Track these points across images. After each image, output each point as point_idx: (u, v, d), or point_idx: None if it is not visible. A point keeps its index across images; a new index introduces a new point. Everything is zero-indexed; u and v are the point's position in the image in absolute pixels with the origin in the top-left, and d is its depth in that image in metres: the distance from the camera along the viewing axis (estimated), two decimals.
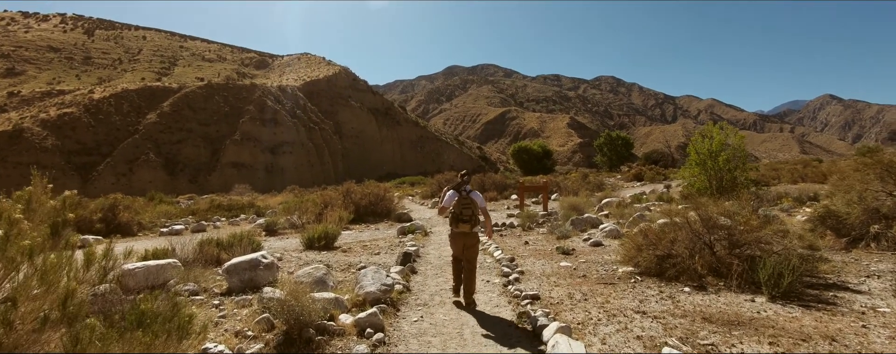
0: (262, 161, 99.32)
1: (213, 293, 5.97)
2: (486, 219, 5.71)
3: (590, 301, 5.23)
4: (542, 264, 7.48)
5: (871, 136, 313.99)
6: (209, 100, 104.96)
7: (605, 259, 7.55)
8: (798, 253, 5.36)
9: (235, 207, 23.99)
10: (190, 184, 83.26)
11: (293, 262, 8.36)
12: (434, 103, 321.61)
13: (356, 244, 10.90)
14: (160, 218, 19.35)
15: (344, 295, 5.28)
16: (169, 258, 6.81)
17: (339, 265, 7.94)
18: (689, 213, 6.89)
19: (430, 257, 8.79)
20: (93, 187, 75.51)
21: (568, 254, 8.19)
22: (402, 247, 9.85)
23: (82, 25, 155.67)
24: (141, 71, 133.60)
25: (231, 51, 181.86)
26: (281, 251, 9.63)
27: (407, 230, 12.01)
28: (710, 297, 5.14)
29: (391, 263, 7.92)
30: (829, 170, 26.51)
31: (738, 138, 16.74)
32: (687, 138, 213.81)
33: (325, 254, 9.22)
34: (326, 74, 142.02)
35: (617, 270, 6.63)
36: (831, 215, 7.82)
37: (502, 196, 23.64)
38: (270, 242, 11.70)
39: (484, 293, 6.01)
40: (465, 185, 5.57)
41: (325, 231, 10.23)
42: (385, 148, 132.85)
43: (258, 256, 6.30)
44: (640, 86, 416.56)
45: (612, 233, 9.79)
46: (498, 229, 12.29)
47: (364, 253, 9.30)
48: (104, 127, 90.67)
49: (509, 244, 9.92)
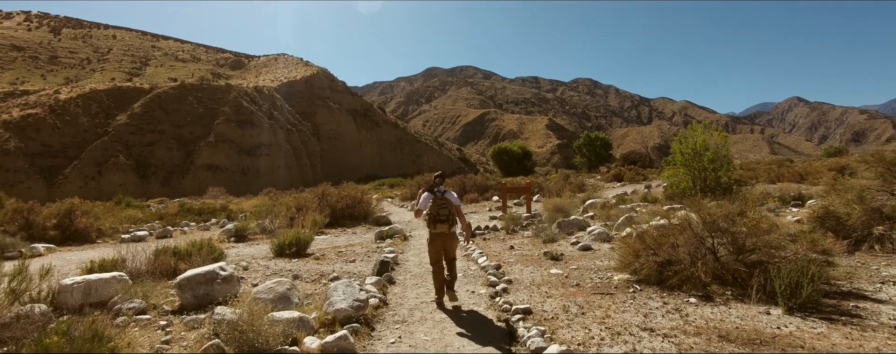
0: (238, 164, 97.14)
1: (162, 312, 5.26)
2: (461, 219, 5.72)
3: (588, 316, 4.68)
4: (531, 271, 6.92)
5: (836, 137, 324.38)
6: (182, 101, 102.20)
7: (597, 265, 7.02)
8: (812, 259, 4.91)
9: (207, 211, 23.00)
10: (162, 187, 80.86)
11: (260, 272, 7.64)
12: (413, 105, 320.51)
13: (331, 250, 10.22)
14: (124, 224, 18.32)
15: (311, 313, 4.62)
16: (115, 272, 6.06)
17: (310, 275, 7.25)
18: (689, 215, 6.43)
19: (409, 264, 8.16)
20: (59, 191, 72.69)
21: (557, 260, 7.65)
22: (379, 253, 9.22)
23: (48, 24, 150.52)
24: (111, 71, 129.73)
25: (205, 51, 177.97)
26: (248, 260, 8.90)
27: (385, 235, 11.37)
28: (721, 309, 4.64)
29: (367, 272, 7.27)
30: (805, 170, 26.73)
31: (722, 137, 16.53)
32: (662, 139, 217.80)
33: (296, 262, 8.53)
34: (304, 74, 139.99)
35: (612, 278, 6.10)
36: (830, 216, 7.45)
37: (483, 198, 23.13)
38: (238, 249, 10.93)
39: (470, 306, 5.43)
40: (438, 186, 5.59)
41: (297, 237, 9.53)
42: (364, 150, 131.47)
43: (215, 268, 5.59)
44: (616, 88, 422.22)
45: (601, 236, 9.31)
46: (481, 232, 11.73)
47: (338, 261, 8.63)
48: (71, 129, 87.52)
49: (494, 248, 9.36)
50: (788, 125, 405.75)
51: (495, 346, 4.12)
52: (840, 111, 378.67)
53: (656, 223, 8.84)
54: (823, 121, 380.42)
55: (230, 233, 12.73)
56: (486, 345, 4.15)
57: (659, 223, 8.35)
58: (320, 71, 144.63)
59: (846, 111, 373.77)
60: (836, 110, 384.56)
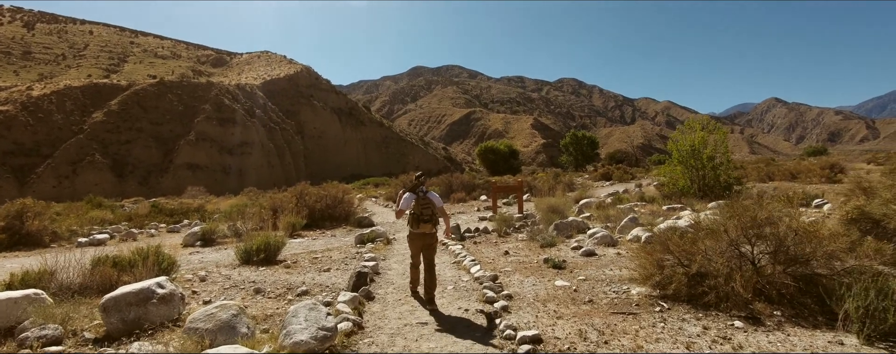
0: (219, 162, 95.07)
1: (82, 341, 4.21)
2: (445, 219, 5.69)
3: (613, 345, 3.75)
4: (533, 283, 5.96)
5: (812, 137, 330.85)
6: (161, 98, 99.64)
7: (608, 276, 6.10)
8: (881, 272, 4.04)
9: (179, 211, 21.71)
10: (140, 187, 78.58)
11: (219, 284, 6.59)
12: (399, 104, 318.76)
13: (306, 255, 9.19)
14: (87, 226, 17.04)
15: (262, 348, 3.61)
16: (33, 289, 4.99)
17: (275, 289, 6.21)
18: (712, 217, 5.54)
19: (391, 274, 7.17)
20: (31, 191, 70.17)
21: (560, 268, 6.72)
22: (358, 260, 8.22)
23: (21, 18, 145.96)
24: (87, 67, 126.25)
25: (186, 48, 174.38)
26: (211, 268, 7.84)
27: (366, 238, 10.35)
28: (777, 337, 3.74)
29: (342, 285, 6.26)
30: (796, 169, 26.26)
31: (721, 133, 15.80)
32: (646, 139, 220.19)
33: (263, 271, 7.49)
34: (288, 72, 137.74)
35: (630, 292, 5.19)
36: (865, 218, 6.64)
37: (471, 197, 22.17)
38: (203, 254, 9.84)
39: (464, 331, 4.45)
40: (421, 186, 5.51)
41: (267, 242, 8.48)
42: (349, 149, 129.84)
43: (151, 284, 4.54)
44: (600, 88, 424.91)
45: (605, 240, 8.41)
46: (471, 235, 10.78)
47: (311, 269, 7.60)
48: (44, 126, 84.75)
49: (486, 254, 8.41)
50: (767, 125, 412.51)
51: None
52: (816, 112, 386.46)
53: (667, 224, 7.97)
54: (801, 121, 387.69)
55: (196, 237, 11.60)
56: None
57: (675, 225, 7.48)
58: (304, 69, 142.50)
59: (822, 112, 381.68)
60: (812, 111, 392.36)
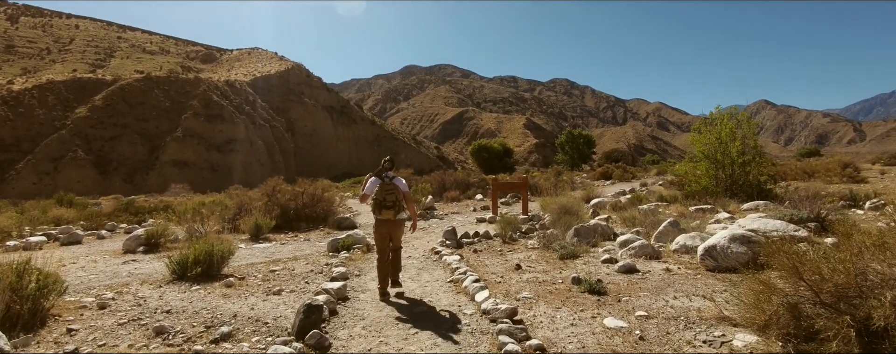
0: (207, 160, 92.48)
1: None
2: (410, 205, 5.40)
3: None
4: (571, 322, 4.01)
5: (801, 139, 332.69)
6: (148, 94, 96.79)
7: (678, 309, 4.17)
8: None
9: (145, 210, 19.74)
10: (125, 184, 76.00)
11: (119, 315, 4.63)
12: (391, 103, 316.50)
13: (263, 265, 7.29)
14: (39, 226, 15.19)
15: None
16: None
17: (189, 328, 4.20)
18: None
19: (364, 298, 5.23)
20: (10, 188, 67.62)
21: (600, 294, 4.82)
22: (326, 275, 6.32)
23: (5, 11, 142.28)
24: (73, 62, 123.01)
25: (175, 44, 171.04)
26: (129, 286, 5.92)
27: (340, 245, 8.40)
28: None
29: (288, 320, 4.32)
30: (810, 168, 24.85)
31: (750, 125, 14.01)
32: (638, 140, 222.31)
33: (196, 291, 5.56)
34: (279, 69, 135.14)
35: (732, 342, 3.33)
36: None
37: (465, 196, 20.29)
38: (138, 264, 7.88)
39: None
40: (387, 171, 5.31)
41: (209, 250, 6.54)
42: (340, 147, 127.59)
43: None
44: (592, 89, 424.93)
45: (645, 250, 6.51)
46: (470, 241, 8.89)
47: (258, 290, 5.67)
48: (25, 121, 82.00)
49: (492, 268, 6.51)
50: (756, 127, 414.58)
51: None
52: (805, 114, 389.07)
53: (729, 231, 6.08)
54: (789, 123, 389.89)
55: (139, 241, 9.61)
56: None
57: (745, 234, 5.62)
58: (296, 66, 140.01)
59: (810, 114, 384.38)
60: (801, 113, 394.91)
